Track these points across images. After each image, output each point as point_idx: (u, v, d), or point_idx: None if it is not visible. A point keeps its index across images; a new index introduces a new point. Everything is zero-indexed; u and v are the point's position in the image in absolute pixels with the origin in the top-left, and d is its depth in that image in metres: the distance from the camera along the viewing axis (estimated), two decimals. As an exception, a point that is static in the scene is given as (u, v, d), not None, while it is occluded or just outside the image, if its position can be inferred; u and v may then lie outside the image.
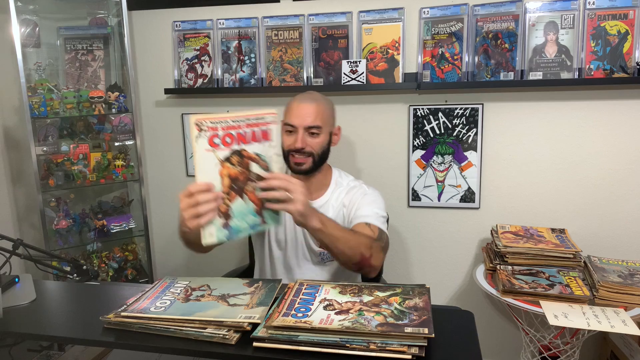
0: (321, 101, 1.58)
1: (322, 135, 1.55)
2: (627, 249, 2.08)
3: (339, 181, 1.67)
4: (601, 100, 2.02)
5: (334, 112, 1.65)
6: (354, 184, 1.66)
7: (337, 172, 1.70)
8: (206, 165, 1.06)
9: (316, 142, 1.54)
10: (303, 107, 1.53)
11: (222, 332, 0.95)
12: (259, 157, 1.12)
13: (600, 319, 1.52)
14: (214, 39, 2.37)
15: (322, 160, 1.59)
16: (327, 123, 1.57)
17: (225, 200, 1.08)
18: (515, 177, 2.16)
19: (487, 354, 2.33)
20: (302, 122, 1.52)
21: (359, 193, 1.61)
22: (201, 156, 1.05)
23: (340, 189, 1.65)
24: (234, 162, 1.08)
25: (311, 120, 1.52)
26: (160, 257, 2.69)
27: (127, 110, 2.41)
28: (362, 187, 1.63)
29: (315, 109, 1.54)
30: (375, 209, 1.55)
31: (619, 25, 1.93)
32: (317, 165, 1.57)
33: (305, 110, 1.53)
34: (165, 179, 2.62)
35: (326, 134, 1.57)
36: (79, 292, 1.30)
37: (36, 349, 1.21)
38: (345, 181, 1.68)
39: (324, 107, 1.57)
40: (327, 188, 1.65)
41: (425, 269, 2.35)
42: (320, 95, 1.62)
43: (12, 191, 2.53)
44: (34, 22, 2.33)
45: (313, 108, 1.53)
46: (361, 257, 1.35)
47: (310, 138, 1.54)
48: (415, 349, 0.85)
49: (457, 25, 2.09)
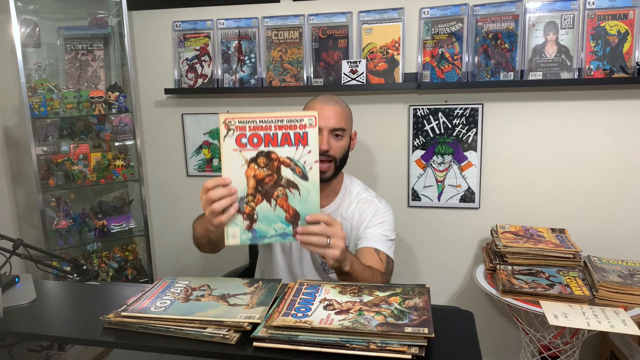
0: (343, 104, 1.58)
1: (344, 138, 1.54)
2: (627, 249, 2.08)
3: (349, 188, 1.64)
4: (601, 100, 2.02)
5: (351, 115, 1.63)
6: (365, 195, 1.63)
7: (348, 179, 1.67)
8: (233, 165, 1.05)
9: (339, 146, 1.52)
10: (328, 109, 1.50)
11: (222, 332, 0.95)
12: (292, 162, 1.07)
13: (600, 319, 1.52)
14: (214, 39, 2.37)
15: (342, 165, 1.58)
16: (349, 126, 1.57)
17: (250, 202, 1.07)
18: (515, 177, 2.16)
19: (487, 354, 2.33)
20: (327, 124, 1.49)
21: (370, 209, 1.58)
22: (228, 155, 1.04)
23: (350, 197, 1.62)
24: (260, 163, 1.06)
25: (336, 122, 1.50)
26: (160, 257, 2.69)
27: (127, 110, 2.41)
28: (373, 203, 1.60)
29: (340, 111, 1.53)
30: (385, 231, 1.54)
31: (619, 25, 1.93)
32: (337, 171, 1.56)
33: (331, 111, 1.50)
34: (165, 179, 2.62)
35: (347, 138, 1.57)
36: (79, 292, 1.30)
37: (36, 349, 1.21)
38: (356, 190, 1.64)
39: (347, 110, 1.57)
40: (337, 194, 1.62)
41: (425, 269, 2.36)
42: (339, 99, 1.60)
43: (12, 191, 2.53)
44: (34, 22, 2.34)
45: (338, 110, 1.52)
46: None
47: (334, 141, 1.51)
48: (415, 349, 0.85)
49: (457, 25, 2.09)
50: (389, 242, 1.54)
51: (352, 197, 1.62)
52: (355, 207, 1.60)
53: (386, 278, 1.45)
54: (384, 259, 1.49)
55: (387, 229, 1.55)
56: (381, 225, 1.55)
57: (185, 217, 2.60)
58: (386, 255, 1.50)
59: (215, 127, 2.47)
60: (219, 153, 2.46)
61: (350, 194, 1.62)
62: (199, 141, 2.51)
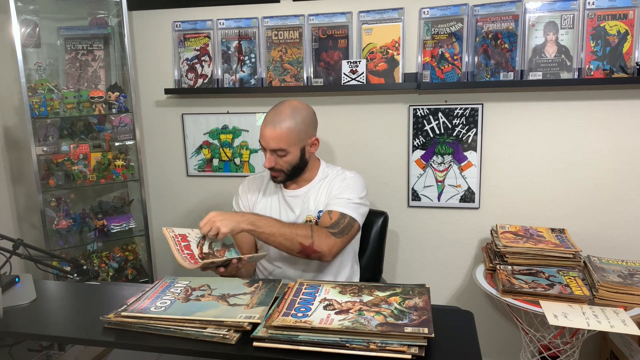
0: (287, 122, 1.57)
1: (290, 155, 1.60)
2: (626, 249, 2.08)
3: (326, 171, 1.75)
4: (601, 100, 2.02)
5: (308, 125, 1.64)
6: (337, 172, 1.74)
7: (324, 164, 1.77)
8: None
9: (285, 161, 1.61)
10: (267, 132, 1.58)
11: (222, 332, 0.95)
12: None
13: (600, 318, 1.52)
14: (214, 39, 2.37)
15: (296, 171, 1.66)
16: (294, 143, 1.59)
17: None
18: (515, 177, 2.16)
19: (487, 354, 2.33)
20: (267, 146, 1.60)
21: (338, 179, 1.70)
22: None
23: (326, 179, 1.72)
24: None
25: (274, 144, 1.58)
26: (160, 257, 2.69)
27: (127, 110, 2.41)
28: (342, 174, 1.71)
29: (278, 134, 1.56)
30: (347, 194, 1.64)
31: (619, 25, 1.93)
32: (291, 176, 1.66)
33: (268, 134, 1.58)
34: (165, 179, 2.62)
35: (295, 152, 1.61)
36: (79, 292, 1.30)
37: (36, 348, 1.21)
38: (333, 172, 1.74)
39: (289, 128, 1.57)
40: (312, 180, 1.72)
41: (425, 269, 2.36)
42: (291, 110, 1.60)
43: (12, 191, 2.53)
44: (34, 22, 2.33)
45: (276, 133, 1.57)
46: (301, 246, 1.50)
47: (279, 158, 1.61)
48: (415, 349, 0.86)
49: (457, 25, 2.09)
50: (351, 205, 1.62)
51: (327, 178, 1.73)
52: (327, 183, 1.71)
53: (328, 231, 1.55)
54: (335, 216, 1.59)
55: (351, 193, 1.64)
56: (345, 190, 1.65)
57: (185, 217, 2.60)
58: (339, 213, 1.60)
59: (215, 127, 2.47)
60: (219, 153, 2.47)
61: (326, 175, 1.73)
62: (199, 141, 2.51)
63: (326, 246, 1.52)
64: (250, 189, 1.80)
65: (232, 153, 2.47)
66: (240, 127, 2.44)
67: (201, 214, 2.60)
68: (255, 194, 1.78)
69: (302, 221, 1.67)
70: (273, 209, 1.73)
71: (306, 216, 1.68)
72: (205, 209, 2.53)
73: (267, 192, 1.77)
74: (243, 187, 1.82)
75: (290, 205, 1.71)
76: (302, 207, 1.69)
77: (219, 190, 2.52)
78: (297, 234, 1.50)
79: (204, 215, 1.49)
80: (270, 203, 1.74)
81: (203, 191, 2.56)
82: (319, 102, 2.31)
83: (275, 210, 1.72)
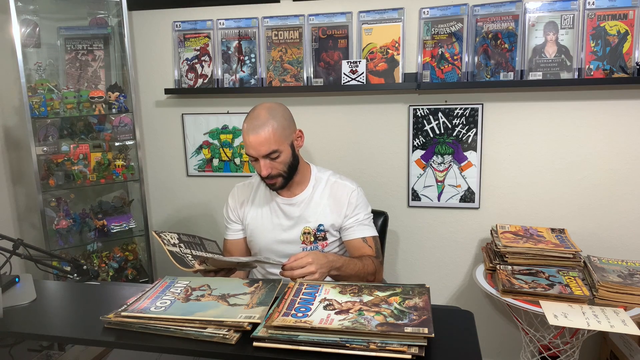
0: (269, 123, 1.55)
1: (282, 154, 1.58)
2: (626, 249, 2.08)
3: (318, 176, 1.74)
4: (601, 100, 2.02)
5: (288, 120, 1.62)
6: (335, 179, 1.74)
7: (316, 170, 1.76)
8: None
9: (279, 162, 1.58)
10: (254, 139, 1.53)
11: (222, 331, 0.95)
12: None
13: (599, 318, 1.52)
14: (214, 39, 2.37)
15: (292, 170, 1.64)
16: (283, 141, 1.57)
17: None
18: (515, 177, 2.16)
19: (487, 354, 2.33)
20: (258, 153, 1.55)
21: (344, 192, 1.70)
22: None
23: (321, 184, 1.72)
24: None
25: (266, 149, 1.54)
26: (160, 257, 2.69)
27: (127, 110, 2.41)
28: (345, 186, 1.71)
29: (265, 136, 1.53)
30: (364, 212, 1.70)
31: (619, 25, 1.93)
32: (288, 178, 1.64)
33: (256, 141, 1.53)
34: (165, 179, 2.62)
35: (287, 150, 1.59)
36: (79, 292, 1.30)
37: (36, 348, 1.21)
38: (325, 176, 1.74)
39: (274, 128, 1.55)
40: (308, 183, 1.72)
41: (425, 269, 2.36)
42: (267, 111, 1.58)
43: (12, 191, 2.53)
44: (34, 22, 2.33)
45: (263, 137, 1.53)
46: (367, 281, 1.56)
47: (273, 161, 1.58)
48: (415, 349, 0.86)
49: (457, 25, 2.09)
50: (371, 222, 1.72)
51: (322, 184, 1.73)
52: (327, 191, 1.71)
53: (379, 261, 1.66)
54: (372, 243, 1.67)
55: (363, 210, 1.70)
56: (358, 209, 1.69)
57: (185, 217, 2.60)
58: (372, 238, 1.68)
59: (215, 127, 2.47)
60: (219, 153, 2.46)
61: (320, 181, 1.73)
62: (199, 141, 2.51)
63: (382, 274, 1.67)
64: (239, 199, 1.78)
65: (232, 153, 2.48)
66: (240, 127, 2.44)
67: (201, 214, 2.62)
68: (245, 203, 1.76)
69: (299, 232, 1.67)
70: (265, 217, 1.72)
71: (304, 228, 1.67)
72: (205, 209, 2.54)
73: (257, 200, 1.75)
74: (232, 196, 1.80)
75: (286, 213, 1.69)
76: (299, 217, 1.68)
77: (219, 191, 2.52)
78: (368, 271, 1.57)
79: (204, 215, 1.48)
80: (262, 212, 1.73)
81: (203, 191, 2.56)
82: (319, 102, 2.31)
83: (267, 219, 1.71)
